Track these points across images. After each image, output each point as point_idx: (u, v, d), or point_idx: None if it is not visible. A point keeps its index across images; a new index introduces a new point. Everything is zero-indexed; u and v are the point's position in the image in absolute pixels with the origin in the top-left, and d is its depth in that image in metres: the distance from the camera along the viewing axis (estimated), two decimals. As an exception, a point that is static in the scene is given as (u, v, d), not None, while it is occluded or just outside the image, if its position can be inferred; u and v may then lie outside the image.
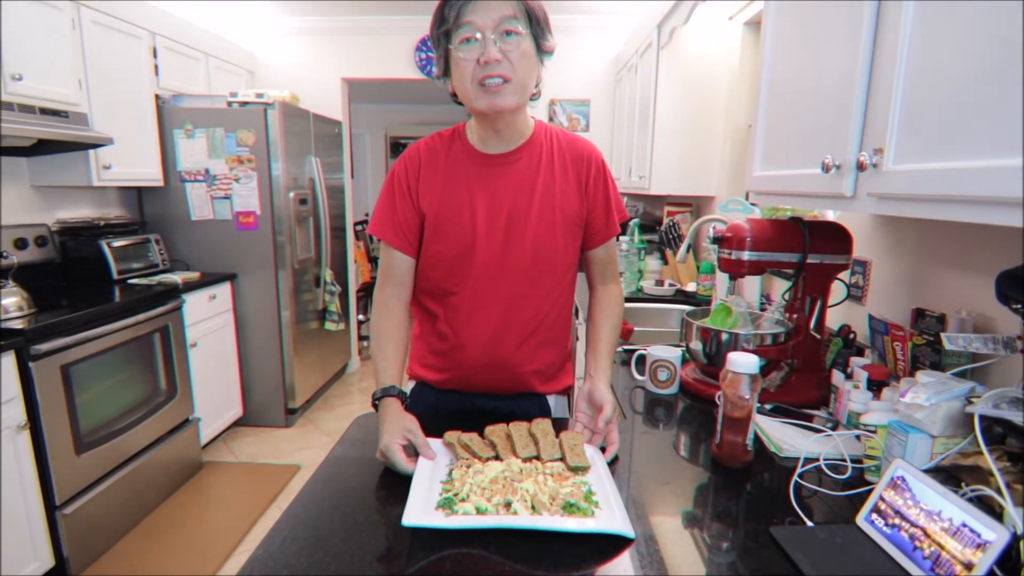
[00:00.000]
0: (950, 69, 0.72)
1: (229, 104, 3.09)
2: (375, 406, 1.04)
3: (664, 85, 2.74)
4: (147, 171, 2.95)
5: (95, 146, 2.48)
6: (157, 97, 2.99)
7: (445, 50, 1.01)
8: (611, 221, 1.17)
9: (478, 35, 0.96)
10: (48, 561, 1.97)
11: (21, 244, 2.41)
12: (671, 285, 2.76)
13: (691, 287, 2.70)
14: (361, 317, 4.66)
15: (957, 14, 0.71)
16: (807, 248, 1.25)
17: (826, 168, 0.95)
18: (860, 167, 0.87)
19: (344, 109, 4.13)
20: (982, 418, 0.80)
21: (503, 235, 1.10)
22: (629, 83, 3.37)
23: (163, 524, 2.42)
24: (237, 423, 3.33)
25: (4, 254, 2.25)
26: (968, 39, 0.69)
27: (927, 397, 0.84)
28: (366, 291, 4.90)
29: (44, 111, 2.24)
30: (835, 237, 1.29)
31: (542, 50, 1.03)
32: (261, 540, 0.77)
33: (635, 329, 1.89)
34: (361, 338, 4.62)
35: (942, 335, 0.94)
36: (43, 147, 2.35)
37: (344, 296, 4.02)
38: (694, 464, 1.05)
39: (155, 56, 2.95)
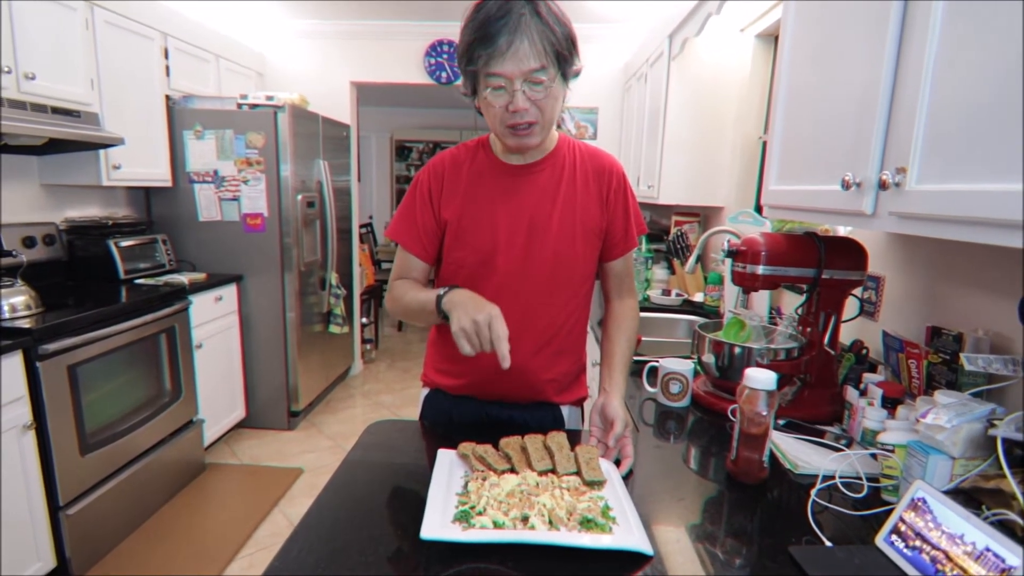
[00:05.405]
0: (976, 88, 0.71)
1: (239, 106, 3.10)
2: (440, 310, 1.00)
3: (674, 95, 2.74)
4: (156, 171, 2.96)
5: (106, 146, 2.48)
6: (168, 98, 3.00)
7: (473, 79, 1.00)
8: (630, 234, 1.18)
9: (506, 83, 0.96)
10: (50, 562, 1.96)
11: (29, 242, 2.42)
12: (678, 295, 2.76)
13: (698, 297, 2.70)
14: (364, 320, 4.65)
15: (985, 29, 0.71)
16: (822, 263, 1.25)
17: (846, 185, 0.94)
18: (882, 186, 0.86)
19: (352, 112, 4.14)
20: (1004, 441, 0.80)
21: (524, 244, 1.11)
22: (638, 92, 3.38)
23: (166, 526, 2.42)
24: (239, 425, 3.33)
25: (13, 252, 2.25)
26: (996, 57, 0.69)
27: (948, 419, 0.83)
28: (370, 294, 4.90)
29: (56, 110, 2.24)
30: (850, 253, 1.29)
31: (569, 76, 1.02)
32: (278, 551, 0.77)
33: (642, 339, 1.88)
34: (364, 341, 4.62)
35: (961, 355, 0.93)
36: (54, 146, 2.35)
37: (348, 299, 4.02)
38: (708, 479, 1.05)
39: (167, 57, 2.96)
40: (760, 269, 1.29)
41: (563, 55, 0.97)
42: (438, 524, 0.79)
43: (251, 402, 3.37)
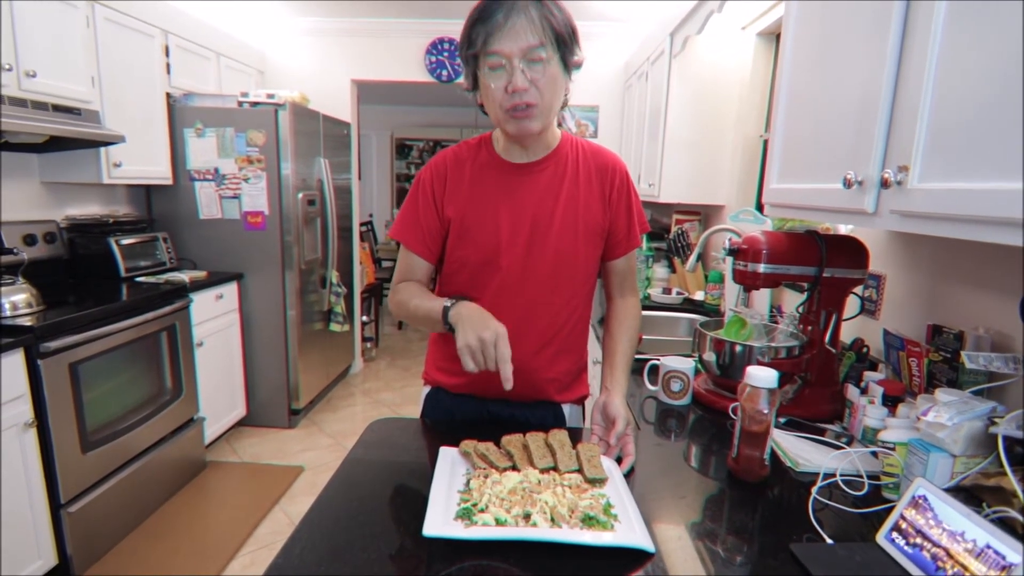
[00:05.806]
0: (978, 87, 0.71)
1: (240, 104, 3.09)
2: (447, 322, 1.00)
3: (675, 93, 2.74)
4: (157, 169, 2.96)
5: (107, 144, 2.48)
6: (168, 96, 2.99)
7: (474, 66, 1.02)
8: (632, 233, 1.18)
9: (505, 62, 0.97)
10: (51, 559, 1.96)
11: (30, 240, 2.41)
12: (679, 293, 2.76)
13: (699, 296, 2.70)
14: (365, 318, 4.66)
15: (987, 28, 0.71)
16: (824, 262, 1.25)
17: (848, 184, 0.94)
18: (884, 184, 0.86)
19: (353, 110, 4.14)
20: (1004, 438, 0.80)
21: (526, 243, 1.11)
22: (639, 90, 3.37)
23: (166, 523, 2.42)
24: (240, 423, 3.33)
25: (14, 250, 2.26)
26: (998, 56, 0.69)
27: (949, 416, 0.84)
28: (370, 292, 4.90)
29: (57, 108, 2.24)
30: (851, 251, 1.29)
31: (569, 66, 1.03)
32: (280, 549, 0.77)
33: (643, 337, 1.89)
34: (365, 339, 4.62)
35: (962, 353, 0.94)
36: (55, 144, 2.35)
37: (349, 297, 4.02)
38: (709, 477, 1.05)
39: (167, 55, 2.95)
40: (761, 267, 1.29)
41: (562, 36, 0.98)
42: (440, 521, 0.79)
43: (252, 400, 3.37)
